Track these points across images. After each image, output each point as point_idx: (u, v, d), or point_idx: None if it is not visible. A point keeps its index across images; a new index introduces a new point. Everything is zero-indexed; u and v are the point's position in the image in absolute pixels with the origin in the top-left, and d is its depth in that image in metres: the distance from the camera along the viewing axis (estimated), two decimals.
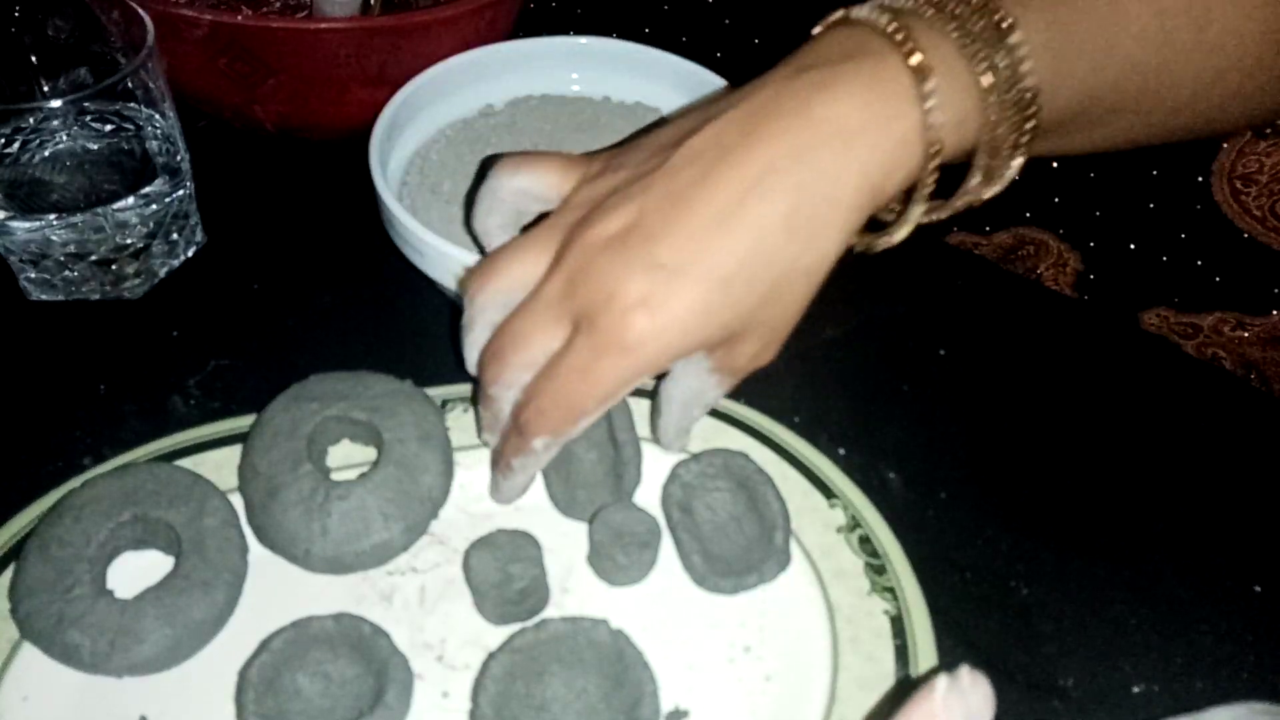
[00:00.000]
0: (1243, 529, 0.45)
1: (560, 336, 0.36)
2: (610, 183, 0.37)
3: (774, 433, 0.45)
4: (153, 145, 0.51)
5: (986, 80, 0.34)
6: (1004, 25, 0.34)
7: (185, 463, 0.42)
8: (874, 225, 0.38)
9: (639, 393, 0.45)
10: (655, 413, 0.42)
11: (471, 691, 0.36)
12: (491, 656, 0.37)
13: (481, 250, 0.43)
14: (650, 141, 0.38)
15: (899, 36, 0.34)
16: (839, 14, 0.37)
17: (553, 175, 0.39)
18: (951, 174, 0.37)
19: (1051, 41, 0.35)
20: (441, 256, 0.44)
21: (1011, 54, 0.34)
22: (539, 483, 0.43)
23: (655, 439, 0.43)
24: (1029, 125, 0.35)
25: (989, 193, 0.37)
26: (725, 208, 0.34)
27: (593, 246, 0.36)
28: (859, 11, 0.36)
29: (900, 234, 0.38)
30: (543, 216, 0.40)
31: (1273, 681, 0.40)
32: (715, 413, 0.45)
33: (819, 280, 0.36)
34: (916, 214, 0.37)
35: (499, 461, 0.41)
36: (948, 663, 0.39)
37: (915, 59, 0.34)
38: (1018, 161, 0.36)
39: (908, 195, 0.37)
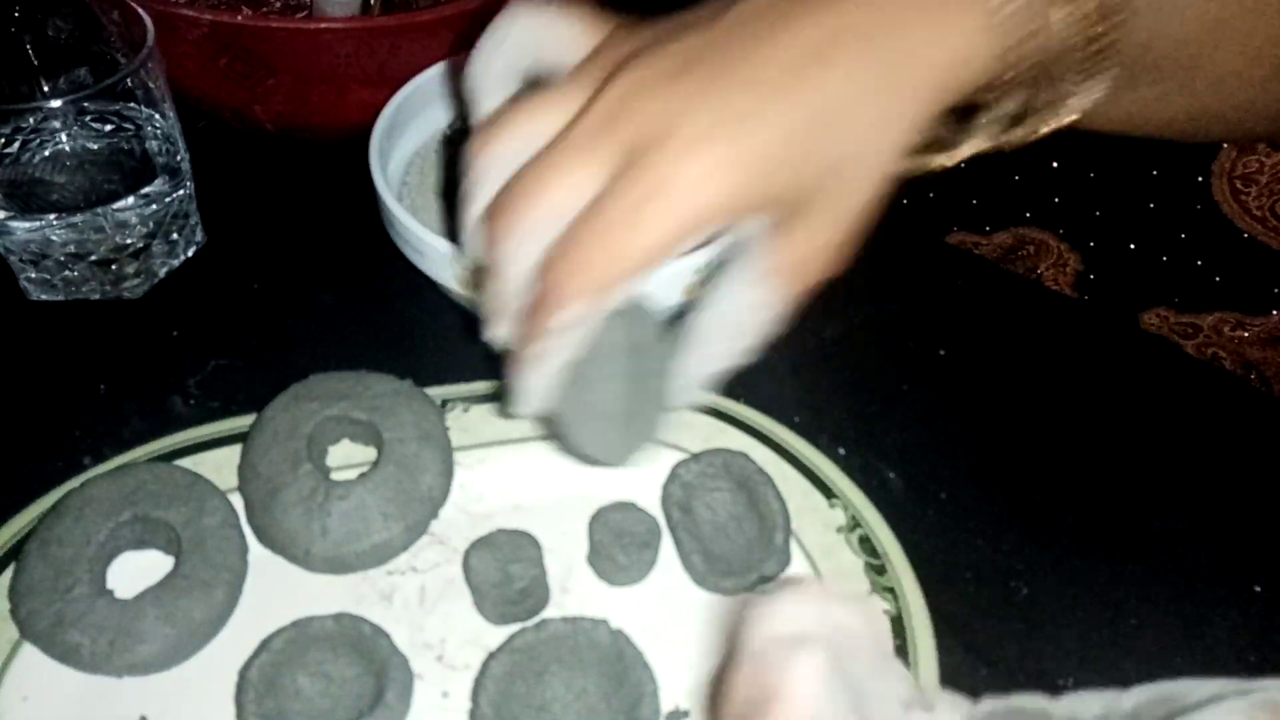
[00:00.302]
0: (1243, 529, 0.45)
1: (599, 178, 0.31)
2: (653, 35, 0.33)
3: (774, 433, 0.45)
4: (153, 145, 0.51)
5: None
6: None
7: (185, 463, 0.42)
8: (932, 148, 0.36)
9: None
10: (691, 344, 0.35)
11: (471, 691, 0.36)
12: (491, 656, 0.37)
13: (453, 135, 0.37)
14: (696, 11, 0.34)
15: None
16: None
17: (580, 22, 0.34)
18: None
19: None
20: (441, 256, 0.44)
21: None
22: (535, 482, 0.43)
23: (679, 384, 0.35)
24: (1111, 37, 0.33)
25: (1062, 118, 0.35)
26: (800, 58, 0.31)
27: (641, 80, 0.31)
28: None
29: (967, 147, 0.35)
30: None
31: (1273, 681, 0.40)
32: (715, 412, 0.45)
33: (889, 166, 0.33)
34: (1004, 111, 0.34)
35: (515, 354, 0.34)
36: (948, 663, 0.39)
37: None
38: (1091, 85, 0.34)
39: (962, 119, 0.35)
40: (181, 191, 0.52)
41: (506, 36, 0.35)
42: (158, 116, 0.51)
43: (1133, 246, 0.59)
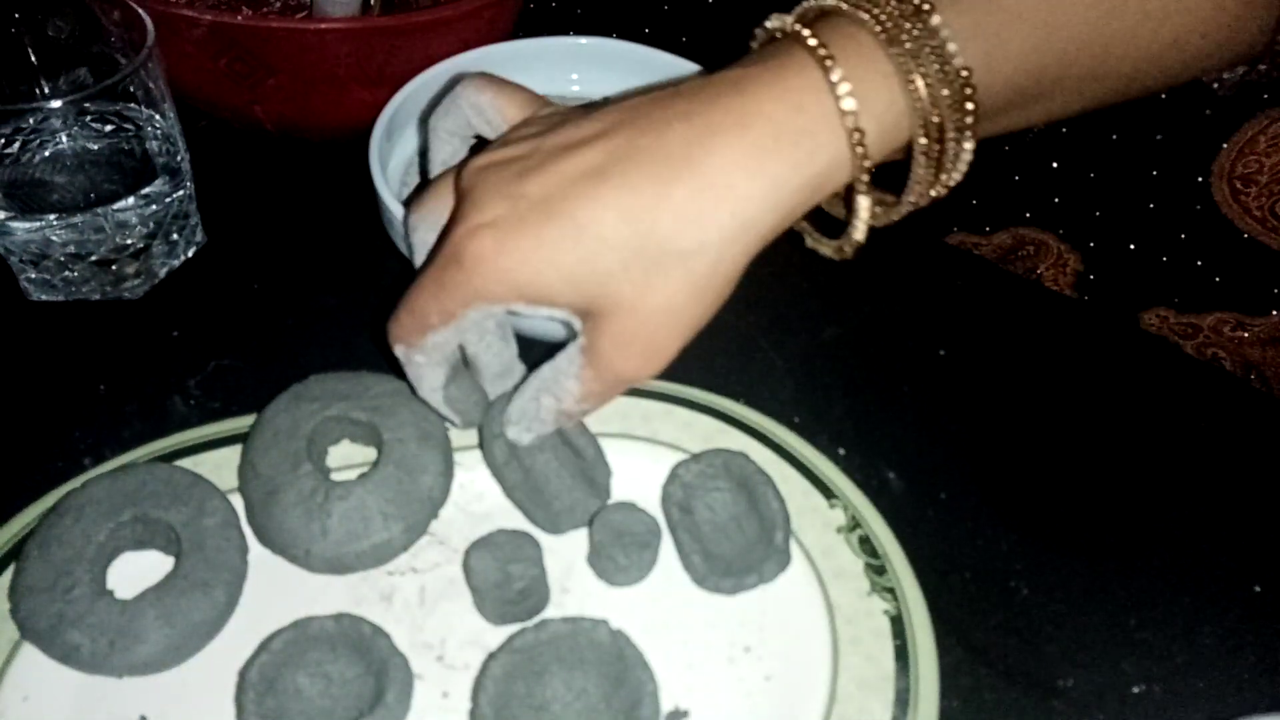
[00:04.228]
0: (1243, 529, 0.45)
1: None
2: (541, 127, 0.37)
3: (774, 433, 0.45)
4: (153, 145, 0.51)
5: (909, 64, 0.33)
6: (923, 9, 0.34)
7: (185, 463, 0.42)
8: (837, 232, 0.37)
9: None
10: (519, 391, 0.40)
11: (471, 691, 0.36)
12: (491, 656, 0.37)
13: (423, 154, 0.45)
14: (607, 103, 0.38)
15: (803, 31, 0.34)
16: (760, 28, 0.37)
17: (510, 108, 0.40)
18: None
19: (982, 23, 0.35)
20: None
21: (935, 35, 0.33)
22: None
23: (507, 422, 0.41)
24: (969, 107, 0.34)
25: (947, 181, 0.36)
26: (608, 160, 0.34)
27: (479, 169, 0.36)
28: (771, 21, 0.36)
29: (857, 233, 0.36)
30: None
31: (1273, 681, 0.40)
32: (715, 412, 0.45)
33: (702, 275, 0.34)
34: (864, 208, 0.35)
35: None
36: (948, 663, 0.39)
37: (820, 50, 0.33)
38: (968, 146, 0.35)
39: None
40: (181, 191, 0.52)
41: (455, 102, 0.41)
42: (158, 116, 0.51)
43: (1133, 246, 0.59)
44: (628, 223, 0.33)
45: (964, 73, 0.34)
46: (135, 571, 0.39)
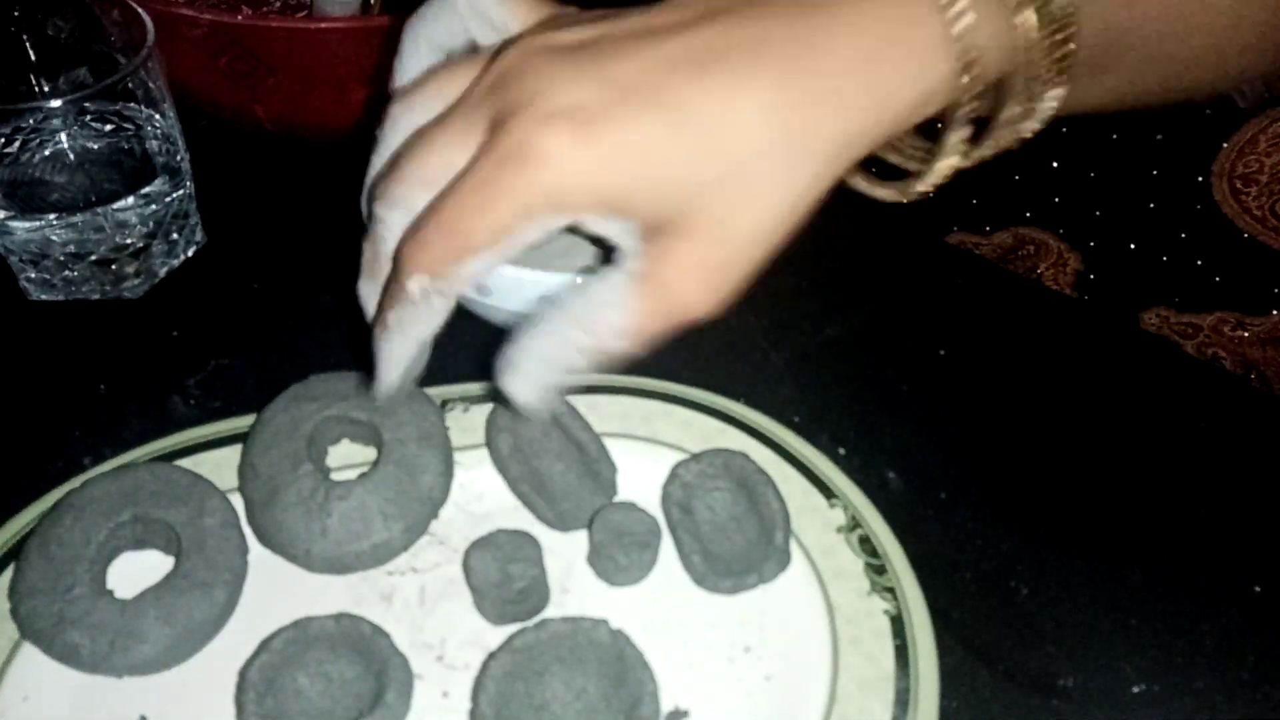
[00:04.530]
0: (1243, 529, 0.45)
1: (468, 148, 0.30)
2: (588, 21, 0.32)
3: (774, 433, 0.45)
4: (153, 145, 0.51)
5: None
6: None
7: (185, 463, 0.42)
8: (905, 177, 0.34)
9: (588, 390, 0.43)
10: (531, 326, 0.32)
11: (471, 691, 0.36)
12: (491, 656, 0.37)
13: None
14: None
15: None
16: None
17: (522, 6, 0.33)
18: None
19: None
20: None
21: None
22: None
23: (499, 367, 0.32)
24: (1068, 46, 0.32)
25: (1028, 128, 0.33)
26: (706, 50, 0.29)
27: (534, 51, 0.30)
28: None
29: (940, 167, 0.33)
30: None
31: (1273, 681, 0.40)
32: (715, 412, 0.45)
33: (799, 191, 0.30)
34: (954, 140, 0.32)
35: (376, 317, 0.33)
36: (948, 663, 0.39)
37: None
38: (1056, 93, 0.32)
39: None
40: (181, 191, 0.52)
41: (442, 9, 0.35)
42: (158, 116, 0.51)
43: (1133, 246, 0.59)
44: (731, 127, 0.28)
45: (1068, 9, 0.32)
46: (135, 571, 0.39)
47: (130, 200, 0.49)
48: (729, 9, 0.30)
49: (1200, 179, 0.56)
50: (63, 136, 0.51)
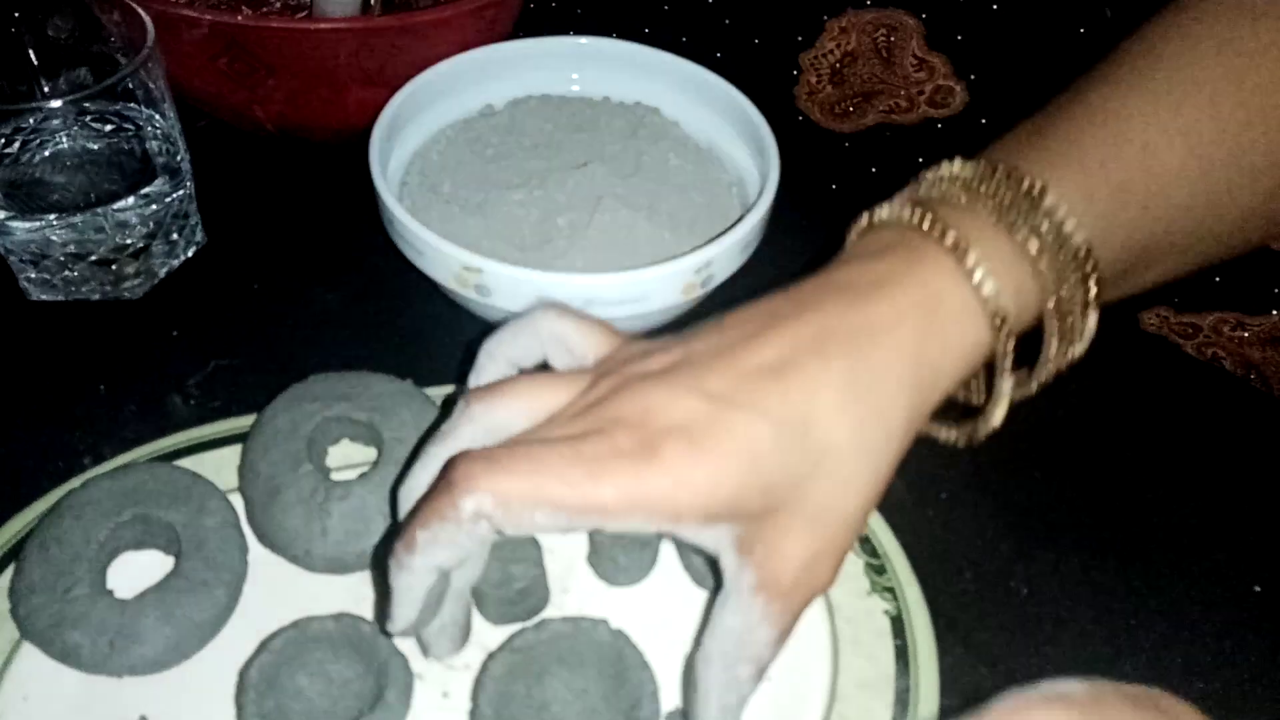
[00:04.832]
0: (1243, 529, 0.45)
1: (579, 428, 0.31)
2: (653, 344, 0.34)
3: None
4: (153, 145, 0.51)
5: (1032, 245, 0.33)
6: (1035, 191, 0.34)
7: (185, 463, 0.42)
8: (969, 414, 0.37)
9: None
10: (690, 692, 0.33)
11: (471, 691, 0.36)
12: (491, 656, 0.37)
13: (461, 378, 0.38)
14: (704, 322, 0.35)
15: (928, 222, 0.34)
16: (864, 218, 0.36)
17: (597, 337, 0.35)
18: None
19: (1092, 196, 0.35)
20: (441, 256, 0.44)
21: (1050, 216, 0.33)
22: None
23: None
24: (1092, 280, 0.34)
25: (1075, 353, 0.36)
26: (780, 358, 0.32)
27: (631, 376, 0.32)
28: (883, 211, 0.35)
29: (997, 414, 0.36)
30: None
31: (1273, 681, 0.40)
32: None
33: (879, 469, 0.32)
34: (1006, 388, 0.35)
35: (400, 538, 0.32)
36: (948, 663, 0.39)
37: (949, 238, 0.33)
38: (1094, 317, 0.35)
39: (990, 376, 0.35)
40: (181, 191, 0.52)
41: (530, 328, 0.36)
42: (158, 116, 0.51)
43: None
44: (820, 421, 0.31)
45: (1084, 250, 0.34)
46: (135, 571, 0.39)
47: (130, 200, 0.49)
48: (788, 315, 0.33)
49: None
50: (63, 137, 0.51)
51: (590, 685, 0.37)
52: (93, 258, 0.50)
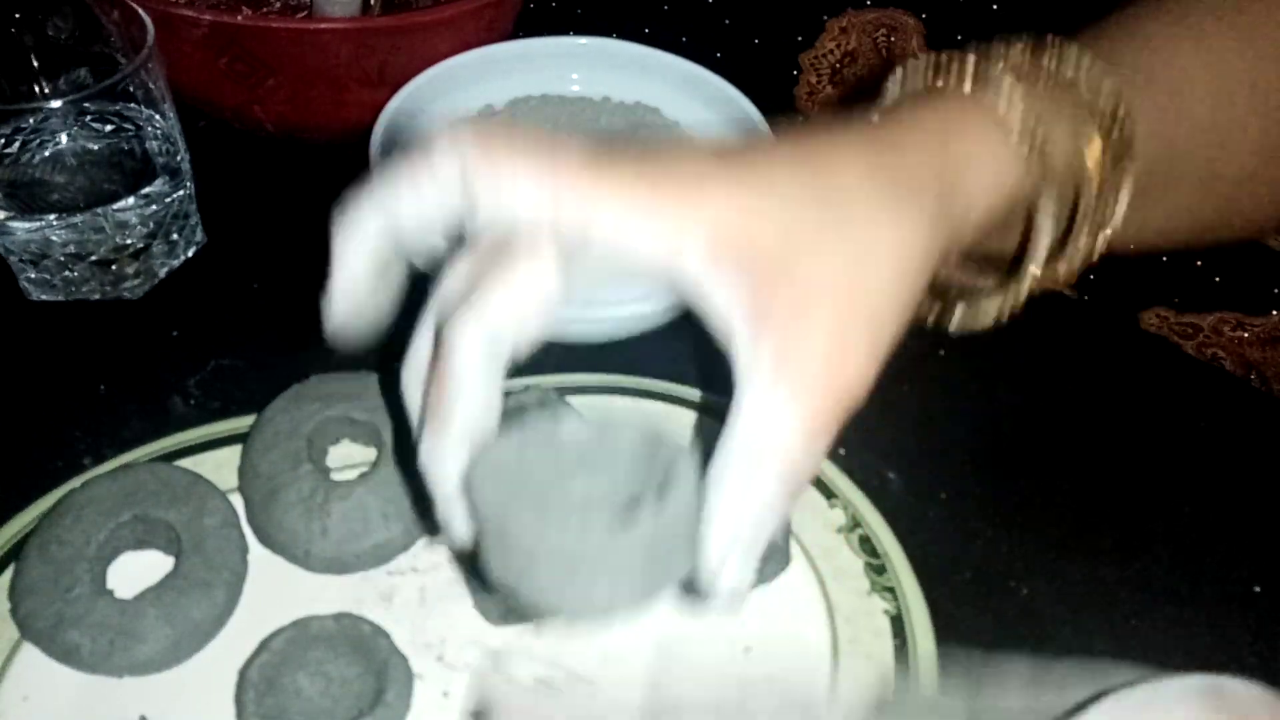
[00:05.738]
0: (1243, 529, 0.45)
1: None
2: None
3: None
4: (153, 145, 0.51)
5: (1067, 70, 0.33)
6: (1059, 44, 0.33)
7: (185, 463, 0.42)
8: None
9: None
10: (712, 498, 0.27)
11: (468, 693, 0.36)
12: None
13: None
14: None
15: (968, 66, 0.33)
16: (886, 89, 0.35)
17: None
18: None
19: (1119, 63, 0.34)
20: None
21: (1079, 57, 0.33)
22: None
23: (698, 578, 0.28)
24: (1130, 149, 0.34)
25: (1101, 240, 0.35)
26: (795, 139, 0.30)
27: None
28: (919, 61, 0.34)
29: (1028, 277, 0.35)
30: None
31: (1273, 682, 0.40)
32: (717, 413, 0.45)
33: (911, 248, 0.28)
34: (1043, 243, 0.34)
35: (423, 421, 0.29)
36: (948, 663, 0.39)
37: (969, 66, 0.32)
38: (1124, 198, 0.34)
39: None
40: (181, 191, 0.52)
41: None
42: (158, 116, 0.51)
43: (1133, 246, 0.59)
44: (848, 171, 0.29)
45: (1114, 94, 0.33)
46: (135, 571, 0.39)
47: (130, 201, 0.49)
48: (802, 139, 0.30)
49: None
50: (63, 137, 0.51)
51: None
52: (93, 258, 0.50)
